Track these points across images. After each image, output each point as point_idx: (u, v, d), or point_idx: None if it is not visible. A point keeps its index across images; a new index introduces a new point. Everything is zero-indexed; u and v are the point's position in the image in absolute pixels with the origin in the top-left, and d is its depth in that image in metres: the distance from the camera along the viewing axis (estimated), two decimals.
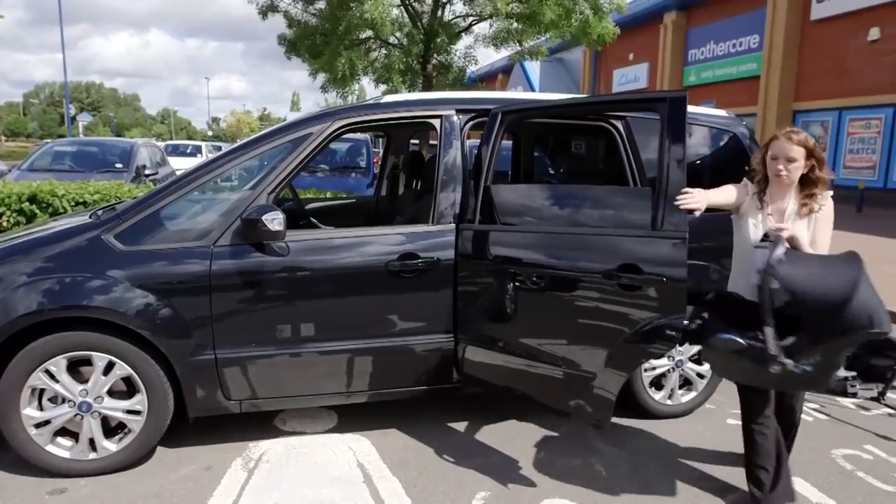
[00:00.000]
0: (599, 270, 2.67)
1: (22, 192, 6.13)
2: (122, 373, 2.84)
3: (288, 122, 3.31)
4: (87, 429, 2.87)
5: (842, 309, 2.26)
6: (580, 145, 5.19)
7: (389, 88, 13.09)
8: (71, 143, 11.16)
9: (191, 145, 22.39)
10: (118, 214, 2.94)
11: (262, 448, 3.22)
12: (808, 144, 2.54)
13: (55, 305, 2.76)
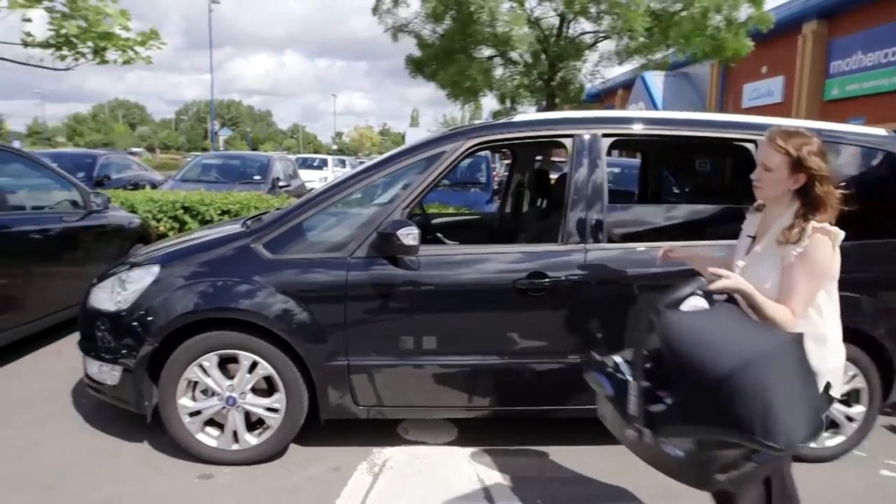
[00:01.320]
0: None
1: (176, 201, 6.79)
2: (265, 372, 3.05)
3: (422, 140, 3.42)
4: (232, 421, 3.10)
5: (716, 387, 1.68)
6: (706, 163, 4.98)
7: (510, 106, 13.21)
8: (216, 156, 12.21)
9: (318, 158, 23.69)
10: (266, 225, 3.18)
11: (385, 455, 3.32)
12: (795, 152, 1.92)
13: (208, 307, 3.03)
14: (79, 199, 5.21)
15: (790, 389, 1.71)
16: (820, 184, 1.92)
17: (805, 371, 1.79)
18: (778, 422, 1.66)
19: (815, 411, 1.78)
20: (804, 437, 1.72)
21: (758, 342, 1.79)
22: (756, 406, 1.67)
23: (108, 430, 3.48)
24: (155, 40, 10.45)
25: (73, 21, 9.66)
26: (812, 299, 1.97)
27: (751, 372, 1.69)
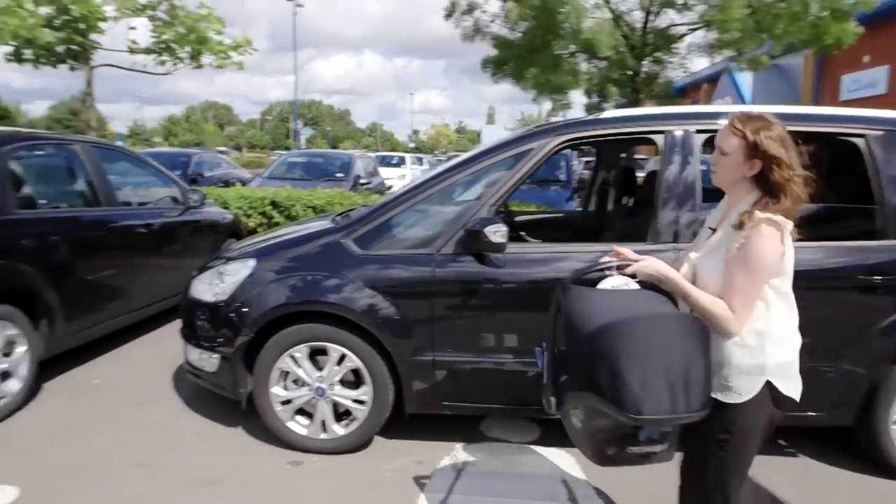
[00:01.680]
0: None
1: (265, 197, 7.06)
2: (352, 365, 3.13)
3: (509, 137, 3.41)
4: (321, 411, 3.20)
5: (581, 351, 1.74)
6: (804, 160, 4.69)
7: (598, 101, 12.94)
8: (301, 154, 12.65)
9: (396, 156, 24.05)
10: (355, 221, 3.25)
11: (468, 451, 3.33)
12: (751, 136, 1.80)
13: (299, 300, 3.14)
14: (178, 195, 5.51)
15: (651, 360, 1.70)
16: (777, 169, 1.79)
17: (688, 346, 1.74)
18: (626, 390, 1.67)
19: (692, 389, 1.72)
20: (661, 411, 1.69)
21: (629, 310, 1.78)
22: (605, 371, 1.71)
23: (205, 413, 3.68)
24: (246, 46, 10.98)
25: (173, 28, 10.30)
26: (756, 297, 1.85)
27: (608, 337, 1.72)
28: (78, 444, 3.29)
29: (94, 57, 10.52)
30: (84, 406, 3.75)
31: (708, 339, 1.80)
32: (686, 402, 1.72)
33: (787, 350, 1.91)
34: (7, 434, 3.38)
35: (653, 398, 1.70)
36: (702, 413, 1.76)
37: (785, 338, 1.91)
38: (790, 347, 1.92)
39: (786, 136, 1.83)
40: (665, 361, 1.72)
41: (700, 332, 1.79)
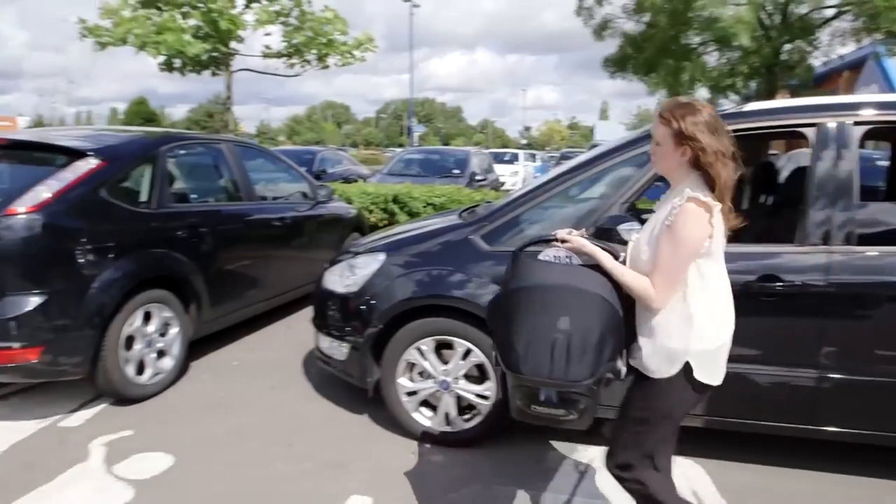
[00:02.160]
0: None
1: (387, 194, 7.28)
2: (477, 360, 3.16)
3: (642, 132, 3.29)
4: (445, 404, 3.25)
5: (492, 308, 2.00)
6: None
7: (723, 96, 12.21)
8: (419, 151, 12.93)
9: (509, 153, 24.00)
10: (483, 217, 3.27)
11: (591, 453, 3.26)
12: (677, 124, 1.84)
13: (426, 294, 3.20)
14: (308, 191, 5.81)
15: (541, 325, 1.87)
16: (702, 154, 1.83)
17: (585, 320, 1.86)
18: (511, 348, 1.90)
19: (578, 359, 1.84)
20: (539, 374, 1.86)
21: (541, 279, 1.95)
22: (502, 327, 1.95)
23: (333, 399, 3.85)
24: (368, 44, 11.43)
25: (302, 32, 10.92)
26: (678, 275, 1.87)
27: (512, 298, 1.95)
28: (222, 420, 3.56)
29: (233, 63, 11.36)
30: (225, 386, 4.05)
31: (609, 316, 1.89)
32: (565, 370, 1.85)
33: (710, 335, 1.92)
34: (163, 407, 3.71)
35: (533, 360, 1.87)
36: (584, 384, 1.86)
37: (709, 323, 1.92)
38: (715, 333, 1.93)
39: (714, 122, 1.86)
40: (553, 329, 1.86)
41: (603, 310, 1.90)
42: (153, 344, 3.81)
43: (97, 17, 10.23)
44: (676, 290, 1.89)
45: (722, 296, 1.97)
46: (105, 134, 4.32)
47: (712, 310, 1.94)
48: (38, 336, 3.17)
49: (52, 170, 3.47)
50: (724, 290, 1.97)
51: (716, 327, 1.95)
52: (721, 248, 1.92)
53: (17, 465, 3.04)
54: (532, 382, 1.93)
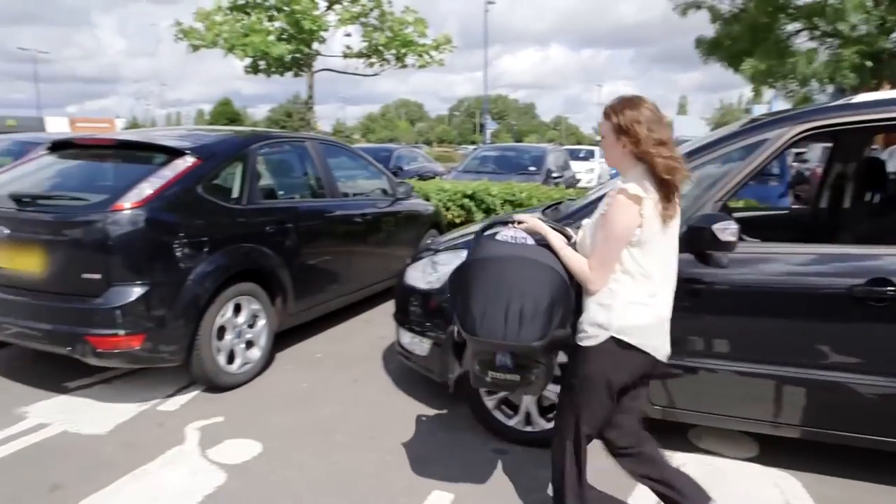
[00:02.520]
0: None
1: (464, 190, 7.29)
2: (559, 360, 3.10)
3: (738, 127, 3.15)
4: (526, 403, 3.22)
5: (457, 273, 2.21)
6: None
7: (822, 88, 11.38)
8: (494, 148, 12.90)
9: (584, 150, 23.52)
10: (568, 215, 3.21)
11: (678, 459, 3.14)
12: (615, 118, 2.07)
13: None
14: (388, 187, 5.89)
15: (496, 293, 2.09)
16: (637, 146, 2.01)
17: (534, 288, 2.08)
18: (469, 313, 2.11)
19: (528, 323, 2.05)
20: (494, 336, 2.07)
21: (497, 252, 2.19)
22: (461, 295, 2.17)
23: (413, 394, 3.89)
24: (446, 45, 11.48)
25: (382, 32, 11.10)
26: (610, 260, 2.08)
27: (470, 269, 2.17)
28: (307, 410, 3.66)
29: (314, 64, 11.69)
30: (309, 377, 4.17)
31: (558, 286, 2.11)
32: (518, 333, 2.06)
33: (635, 314, 2.10)
34: (251, 396, 3.86)
35: (488, 324, 2.08)
36: (534, 345, 2.07)
37: (636, 304, 2.10)
38: (642, 313, 2.11)
39: (653, 117, 2.04)
40: (507, 296, 2.07)
41: (553, 280, 2.11)
42: (242, 335, 3.97)
43: (192, 20, 10.78)
44: (610, 274, 2.10)
45: (656, 281, 2.13)
46: (200, 133, 4.53)
47: (641, 293, 2.11)
48: (140, 324, 3.35)
49: (153, 168, 3.67)
50: (660, 275, 2.14)
51: (642, 309, 2.12)
52: (657, 236, 2.07)
53: (121, 444, 3.23)
54: (488, 345, 2.15)
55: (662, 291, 2.16)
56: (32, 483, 2.87)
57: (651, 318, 2.13)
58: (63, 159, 4.17)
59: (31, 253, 3.46)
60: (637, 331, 2.11)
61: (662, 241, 2.10)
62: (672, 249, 2.17)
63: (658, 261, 2.12)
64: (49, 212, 3.51)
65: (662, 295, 2.16)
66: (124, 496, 2.78)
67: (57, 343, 3.47)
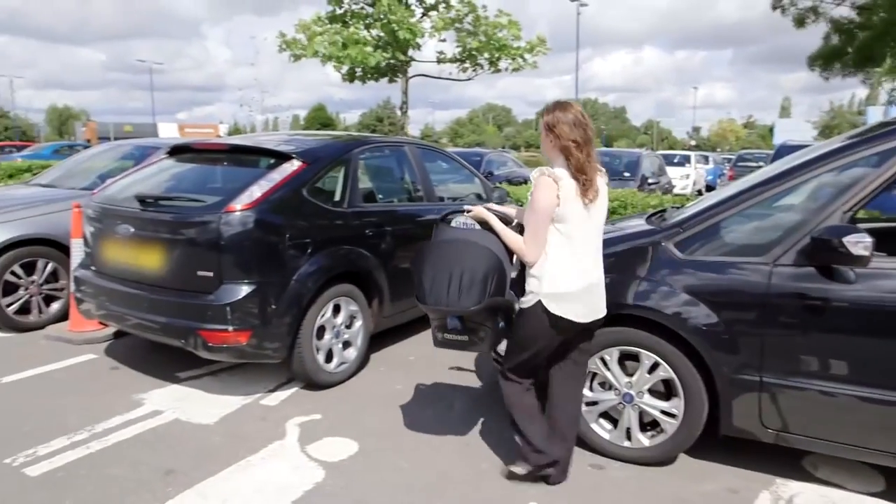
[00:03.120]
0: None
1: None
2: (665, 375, 2.97)
3: (873, 131, 2.90)
4: (626, 418, 3.10)
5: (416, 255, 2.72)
6: None
7: None
8: None
9: (678, 155, 22.68)
10: (677, 223, 3.07)
11: (792, 489, 2.94)
12: (545, 117, 2.56)
13: (612, 301, 3.03)
14: (482, 192, 5.87)
15: (441, 268, 2.59)
16: (558, 142, 2.50)
17: (472, 263, 2.56)
18: (421, 286, 2.61)
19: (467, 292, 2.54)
20: (440, 303, 2.58)
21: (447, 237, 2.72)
22: (416, 272, 2.65)
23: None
24: (540, 47, 11.36)
25: (476, 37, 11.14)
26: (539, 233, 2.53)
27: (424, 250, 2.67)
28: (401, 412, 3.69)
29: (409, 70, 11.89)
30: (403, 380, 4.21)
31: (491, 261, 2.60)
32: (458, 300, 2.57)
33: (562, 282, 2.57)
34: (347, 395, 3.94)
35: (436, 293, 2.60)
36: (472, 309, 2.59)
37: (563, 272, 2.57)
38: (567, 281, 2.57)
39: (577, 119, 2.51)
40: (450, 271, 2.58)
41: (487, 256, 2.60)
42: (340, 335, 4.06)
43: (293, 31, 11.24)
44: (541, 246, 2.56)
45: (579, 253, 2.59)
46: (304, 138, 4.68)
47: (566, 263, 2.58)
48: (247, 321, 3.50)
49: (262, 171, 3.83)
50: (583, 248, 2.60)
51: (568, 276, 2.59)
52: (578, 216, 2.55)
53: (227, 435, 3.38)
54: (436, 310, 2.67)
55: (587, 261, 2.62)
56: (150, 466, 3.05)
57: (576, 285, 2.59)
58: (181, 163, 4.44)
59: (152, 250, 3.69)
60: (561, 297, 2.58)
61: (586, 220, 2.58)
62: (596, 227, 2.66)
63: (581, 235, 2.59)
64: (168, 212, 3.72)
65: (587, 264, 2.63)
66: (231, 485, 2.90)
67: (172, 335, 3.67)
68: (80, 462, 3.08)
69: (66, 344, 4.76)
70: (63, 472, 2.99)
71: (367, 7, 10.59)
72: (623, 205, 6.76)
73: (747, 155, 23.59)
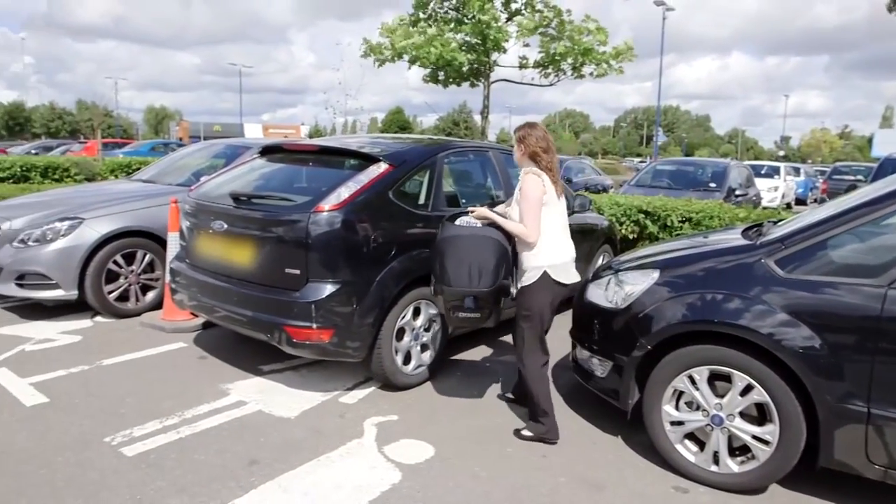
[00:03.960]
0: None
1: (640, 206, 6.97)
2: (759, 398, 2.82)
3: None
4: (714, 441, 2.96)
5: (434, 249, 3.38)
6: None
7: None
8: (670, 162, 12.24)
9: (766, 165, 21.63)
10: (780, 239, 2.91)
11: None
12: (518, 133, 3.37)
13: (708, 318, 2.93)
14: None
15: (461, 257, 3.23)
16: (527, 149, 3.31)
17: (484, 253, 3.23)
18: (446, 273, 3.24)
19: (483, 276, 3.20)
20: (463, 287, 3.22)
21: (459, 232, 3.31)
22: (439, 262, 3.29)
23: (585, 415, 3.75)
24: (627, 54, 11.09)
25: (560, 42, 10.99)
26: (536, 216, 3.20)
27: (442, 244, 3.30)
28: (476, 419, 3.67)
29: (491, 74, 11.86)
30: (479, 385, 4.18)
31: (500, 251, 3.23)
32: (478, 283, 3.19)
33: (554, 254, 3.26)
34: (423, 398, 3.95)
35: (459, 279, 3.21)
36: (489, 290, 3.20)
37: (557, 247, 3.29)
38: (557, 254, 3.28)
39: (541, 134, 3.31)
40: (468, 259, 3.19)
41: (496, 246, 3.23)
42: (419, 338, 4.08)
43: (376, 35, 11.45)
44: (539, 227, 3.19)
45: (558, 233, 3.31)
46: (390, 141, 4.74)
47: (553, 239, 3.27)
48: (331, 319, 3.56)
49: (350, 173, 3.89)
50: (560, 230, 3.32)
51: (562, 249, 3.32)
52: (555, 201, 3.27)
53: (307, 430, 3.45)
54: (460, 292, 3.24)
55: (564, 241, 3.33)
56: (234, 454, 3.15)
57: (562, 258, 3.29)
58: (272, 162, 4.58)
59: (242, 246, 3.83)
60: (559, 268, 3.26)
61: (559, 205, 3.30)
62: (563, 214, 3.35)
63: (558, 220, 3.30)
64: (259, 210, 3.85)
65: (565, 243, 3.34)
66: (312, 480, 2.96)
67: (258, 329, 3.79)
68: (171, 446, 3.22)
69: (159, 332, 5.01)
70: (155, 454, 3.13)
71: (451, 11, 10.67)
72: (708, 216, 6.50)
73: (843, 167, 22.25)
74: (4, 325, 5.07)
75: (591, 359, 3.44)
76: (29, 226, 5.15)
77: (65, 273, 5.03)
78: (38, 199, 5.88)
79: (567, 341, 3.87)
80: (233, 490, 2.85)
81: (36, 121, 70.54)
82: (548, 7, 10.77)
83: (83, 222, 5.12)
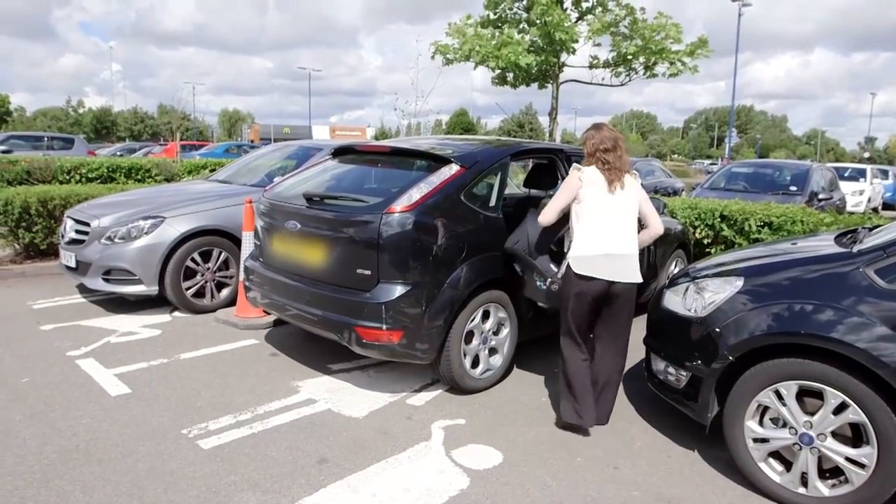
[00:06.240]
0: None
1: (715, 209, 6.69)
2: (855, 418, 2.63)
3: None
4: (802, 462, 2.79)
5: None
6: None
7: None
8: (747, 164, 11.72)
9: (850, 168, 20.48)
10: (881, 247, 2.72)
11: None
12: (582, 136, 3.60)
13: (798, 330, 2.76)
14: None
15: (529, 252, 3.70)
16: (588, 149, 3.47)
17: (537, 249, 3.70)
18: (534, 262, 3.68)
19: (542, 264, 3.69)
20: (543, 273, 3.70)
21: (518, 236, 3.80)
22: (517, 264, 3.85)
23: (658, 426, 3.62)
24: (702, 49, 10.67)
25: (632, 41, 10.71)
26: (555, 204, 3.48)
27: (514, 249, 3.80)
28: (545, 426, 3.60)
29: (560, 75, 11.68)
30: (547, 392, 4.11)
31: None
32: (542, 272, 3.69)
33: (582, 248, 3.33)
34: (491, 403, 3.91)
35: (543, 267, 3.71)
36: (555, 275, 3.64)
37: (581, 242, 3.35)
38: (584, 249, 3.33)
39: (605, 138, 3.42)
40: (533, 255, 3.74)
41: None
42: (488, 341, 4.04)
43: (444, 37, 11.46)
44: (552, 213, 3.48)
45: (593, 227, 3.32)
46: (460, 142, 4.71)
47: (584, 232, 3.34)
48: (400, 321, 3.56)
49: (421, 174, 3.89)
50: (596, 224, 3.32)
51: (585, 245, 3.32)
52: (595, 200, 3.33)
53: (375, 431, 3.46)
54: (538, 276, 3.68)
55: (602, 235, 3.31)
56: (305, 452, 3.19)
57: (593, 251, 3.29)
58: (344, 164, 4.64)
59: (315, 246, 3.88)
60: (582, 260, 3.30)
61: (608, 204, 3.32)
62: (619, 212, 3.34)
63: (595, 214, 3.33)
64: (332, 211, 3.89)
65: (603, 237, 3.30)
66: (380, 481, 2.96)
67: (328, 328, 3.83)
68: (244, 441, 3.29)
69: (232, 328, 5.16)
70: (229, 448, 3.21)
71: (521, 13, 10.56)
72: (790, 221, 6.17)
73: None
74: (92, 318, 5.35)
75: (668, 369, 3.30)
76: (115, 224, 5.41)
77: (147, 269, 5.26)
78: (124, 199, 6.17)
79: (641, 349, 3.74)
80: (303, 487, 2.88)
81: (121, 124, 74.66)
82: (620, 5, 10.50)
83: (164, 221, 5.34)
